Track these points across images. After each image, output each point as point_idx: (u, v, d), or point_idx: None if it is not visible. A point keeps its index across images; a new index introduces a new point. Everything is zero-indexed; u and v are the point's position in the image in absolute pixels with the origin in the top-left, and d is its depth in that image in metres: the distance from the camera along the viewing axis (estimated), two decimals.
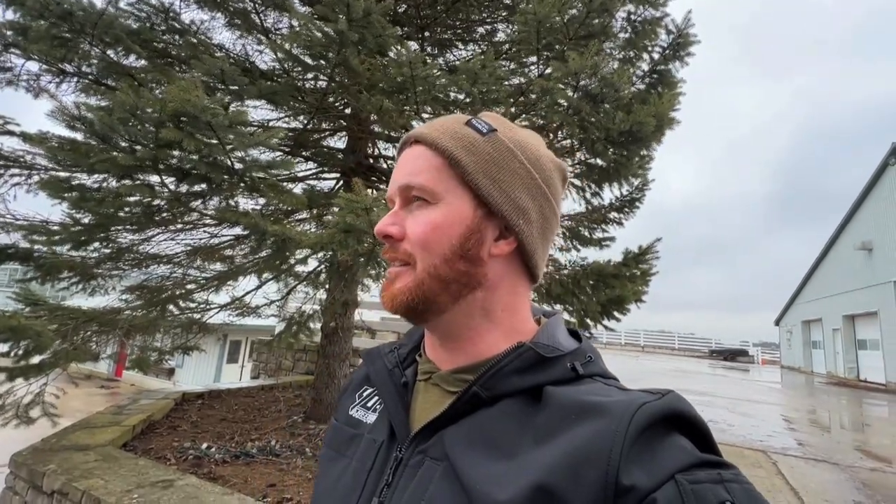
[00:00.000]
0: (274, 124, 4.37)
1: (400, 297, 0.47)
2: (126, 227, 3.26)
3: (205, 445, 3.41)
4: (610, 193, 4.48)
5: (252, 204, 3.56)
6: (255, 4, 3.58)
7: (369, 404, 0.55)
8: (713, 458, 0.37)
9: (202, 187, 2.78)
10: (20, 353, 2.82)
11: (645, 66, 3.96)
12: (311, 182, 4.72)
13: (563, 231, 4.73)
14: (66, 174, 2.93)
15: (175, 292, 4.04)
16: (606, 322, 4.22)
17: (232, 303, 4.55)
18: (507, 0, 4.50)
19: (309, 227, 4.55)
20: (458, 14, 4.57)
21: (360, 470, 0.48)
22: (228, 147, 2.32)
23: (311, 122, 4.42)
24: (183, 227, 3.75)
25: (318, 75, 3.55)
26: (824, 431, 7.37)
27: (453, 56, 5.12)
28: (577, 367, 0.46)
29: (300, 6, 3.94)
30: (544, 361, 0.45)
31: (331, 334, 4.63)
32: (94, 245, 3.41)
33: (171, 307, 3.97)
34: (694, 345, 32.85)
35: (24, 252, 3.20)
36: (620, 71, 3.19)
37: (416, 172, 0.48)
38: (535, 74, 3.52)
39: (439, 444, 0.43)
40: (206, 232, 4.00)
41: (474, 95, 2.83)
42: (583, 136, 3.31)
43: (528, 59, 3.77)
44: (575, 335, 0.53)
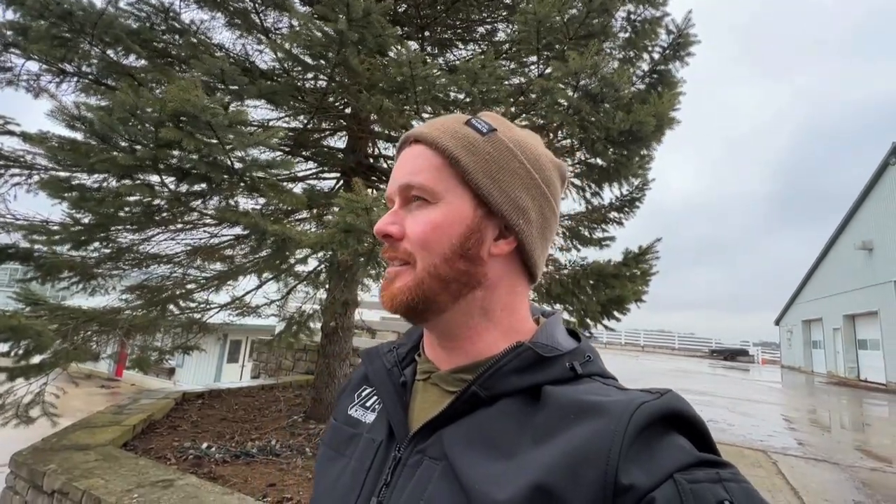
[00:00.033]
0: (274, 124, 4.37)
1: (400, 296, 0.47)
2: (126, 226, 3.27)
3: (205, 445, 3.41)
4: (610, 193, 4.48)
5: (252, 204, 3.56)
6: (254, 4, 3.58)
7: (368, 404, 0.54)
8: (711, 458, 0.37)
9: (202, 187, 2.78)
10: (20, 352, 2.83)
11: (645, 66, 3.96)
12: (311, 182, 4.73)
13: (563, 231, 4.73)
14: (66, 174, 2.93)
15: (175, 292, 4.05)
16: (606, 322, 4.22)
17: (232, 302, 4.55)
18: (507, 0, 4.50)
19: (309, 227, 4.55)
20: (458, 14, 4.57)
21: (359, 469, 0.48)
22: (228, 147, 2.32)
23: (311, 121, 4.42)
24: (183, 226, 3.75)
25: (318, 75, 3.55)
26: (824, 431, 7.37)
27: (453, 56, 5.11)
28: (575, 366, 0.46)
29: (300, 6, 3.94)
30: (543, 361, 0.45)
31: (331, 334, 4.63)
32: (95, 245, 3.41)
33: (171, 307, 3.97)
34: (694, 344, 32.83)
35: (24, 252, 3.21)
36: (620, 71, 3.18)
37: (416, 172, 0.47)
38: (535, 74, 3.52)
39: (438, 443, 0.43)
40: (206, 232, 4.00)
41: (474, 95, 2.83)
42: (583, 135, 3.31)
43: (528, 58, 3.77)
44: (574, 335, 0.53)
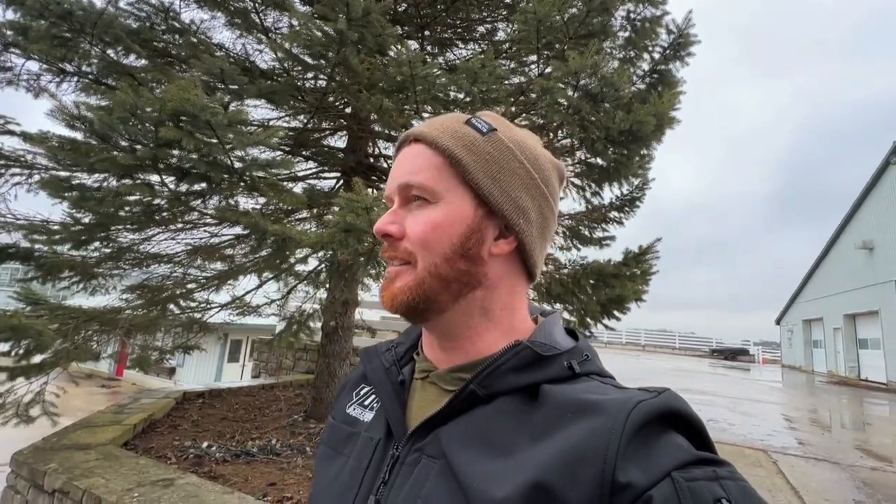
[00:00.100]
0: (274, 123, 4.37)
1: (400, 296, 0.47)
2: (126, 226, 3.27)
3: (205, 444, 3.41)
4: (610, 193, 4.49)
5: (252, 203, 3.56)
6: (254, 4, 3.58)
7: (366, 402, 0.55)
8: (709, 456, 0.37)
9: (202, 186, 2.78)
10: (21, 352, 2.83)
11: (645, 66, 3.96)
12: (312, 181, 4.73)
13: (563, 230, 4.73)
14: (67, 174, 2.94)
15: (175, 292, 4.05)
16: (606, 321, 4.23)
17: (232, 302, 4.55)
18: None
19: (309, 227, 4.56)
20: (458, 13, 4.57)
21: (357, 468, 0.48)
22: (228, 146, 2.32)
23: (311, 121, 4.42)
24: (183, 226, 3.76)
25: (317, 75, 3.55)
26: (825, 430, 7.36)
27: (453, 55, 5.11)
28: (573, 365, 0.46)
29: (300, 5, 3.94)
30: (541, 360, 0.45)
31: (331, 333, 4.64)
32: (95, 244, 3.42)
33: (171, 306, 3.97)
34: (695, 344, 32.80)
35: (24, 251, 3.21)
36: (620, 70, 3.18)
37: (416, 171, 0.47)
38: (535, 74, 3.51)
39: (436, 441, 0.43)
40: (207, 231, 4.00)
41: (474, 95, 2.83)
42: (583, 135, 3.31)
43: (529, 58, 3.77)
44: (572, 334, 0.53)
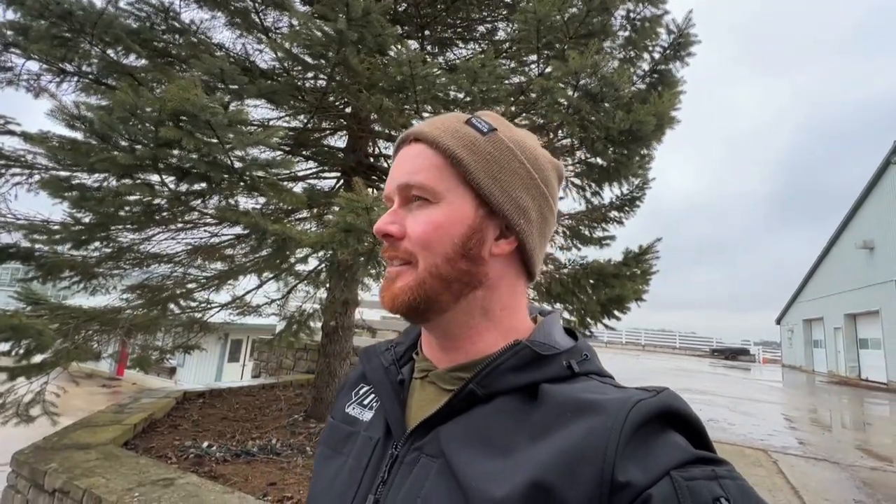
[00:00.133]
0: (274, 123, 4.37)
1: (402, 296, 0.47)
2: (126, 226, 3.27)
3: (206, 444, 3.42)
4: (610, 192, 4.49)
5: (252, 203, 3.56)
6: (254, 3, 3.58)
7: (365, 402, 0.55)
8: (708, 455, 0.37)
9: (202, 186, 2.78)
10: (21, 352, 2.84)
11: (646, 66, 3.96)
12: (312, 181, 4.73)
13: (563, 230, 4.73)
14: (67, 173, 2.94)
15: (176, 291, 4.05)
16: (607, 321, 4.23)
17: (233, 302, 4.56)
18: None
19: (309, 227, 4.56)
20: (458, 13, 4.57)
21: (357, 467, 0.48)
22: (228, 146, 2.32)
23: (311, 121, 4.42)
24: (183, 226, 3.76)
25: (317, 74, 3.55)
26: (825, 430, 7.36)
27: (453, 55, 5.11)
28: (572, 365, 0.46)
29: (300, 5, 3.94)
30: (540, 359, 0.45)
31: (331, 333, 4.64)
32: (95, 244, 3.42)
33: (171, 306, 3.98)
34: (695, 344, 32.79)
35: (25, 251, 3.21)
36: (621, 70, 3.18)
37: (417, 171, 0.47)
38: (535, 73, 3.51)
39: (435, 441, 0.43)
40: (207, 231, 4.00)
41: (474, 94, 2.83)
42: (583, 135, 3.31)
43: (529, 57, 3.77)
44: (571, 334, 0.53)
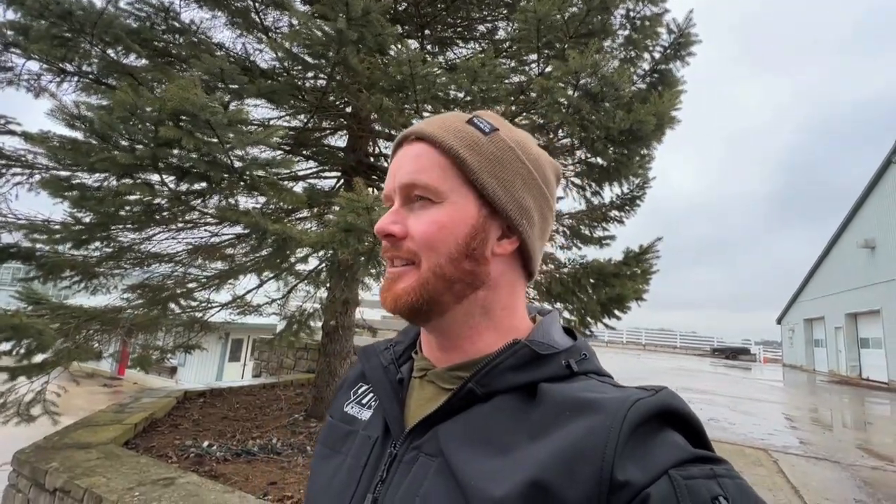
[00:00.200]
0: (274, 123, 4.37)
1: (404, 297, 0.46)
2: (127, 225, 3.27)
3: (206, 443, 3.42)
4: (610, 192, 4.49)
5: (252, 203, 3.57)
6: (255, 3, 3.58)
7: (364, 401, 0.55)
8: (706, 454, 0.37)
9: (202, 186, 2.78)
10: (22, 351, 2.84)
11: (646, 66, 3.95)
12: (312, 181, 4.73)
13: (563, 229, 4.73)
14: (67, 173, 2.95)
15: (176, 291, 4.06)
16: (607, 320, 4.23)
17: (233, 301, 4.56)
18: None
19: (310, 226, 4.56)
20: (458, 12, 4.57)
21: (355, 466, 0.48)
22: (227, 145, 2.32)
23: (312, 120, 4.42)
24: (184, 225, 3.76)
25: (317, 74, 3.55)
26: (826, 430, 7.35)
27: (454, 54, 5.11)
28: (571, 364, 0.46)
29: (300, 5, 3.94)
30: (539, 359, 0.45)
31: (332, 333, 4.64)
32: (96, 244, 3.42)
33: (172, 306, 3.98)
34: (696, 343, 32.76)
35: (25, 251, 3.22)
36: (621, 70, 3.18)
37: (420, 171, 0.47)
38: (535, 73, 3.51)
39: (434, 440, 0.43)
40: (207, 231, 4.00)
41: (474, 94, 2.83)
42: (583, 134, 3.31)
43: (529, 57, 3.77)
44: (570, 333, 0.53)
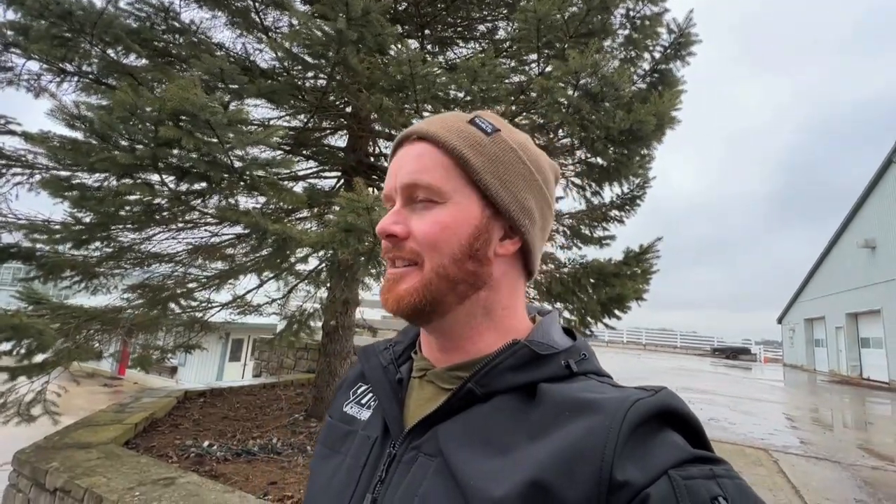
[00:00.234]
0: (274, 123, 4.37)
1: (407, 298, 0.46)
2: (127, 225, 3.27)
3: (206, 443, 3.42)
4: (610, 192, 4.49)
5: (252, 202, 3.57)
6: (255, 3, 3.58)
7: (363, 401, 0.55)
8: (706, 454, 0.37)
9: (202, 186, 2.78)
10: (23, 351, 2.84)
11: (646, 66, 3.95)
12: (312, 181, 4.73)
13: (563, 229, 4.73)
14: (67, 173, 2.95)
15: (177, 291, 4.06)
16: (607, 320, 4.23)
17: (233, 301, 4.56)
18: None
19: (310, 226, 4.56)
20: (459, 12, 4.56)
21: (354, 466, 0.48)
22: (227, 145, 2.32)
23: (312, 120, 4.42)
24: (184, 225, 3.76)
25: (317, 74, 3.55)
26: (826, 430, 7.34)
27: (454, 54, 5.11)
28: (571, 364, 0.46)
29: (300, 4, 3.94)
30: (539, 359, 0.45)
31: (332, 333, 4.64)
32: (96, 244, 3.42)
33: (172, 306, 3.98)
34: (696, 343, 32.74)
35: (26, 251, 3.22)
36: (621, 70, 3.18)
37: (423, 171, 0.46)
38: (535, 73, 3.51)
39: (433, 440, 0.43)
40: (207, 231, 4.01)
41: (474, 93, 2.83)
42: (583, 134, 3.31)
43: (529, 56, 3.77)
44: (569, 333, 0.53)
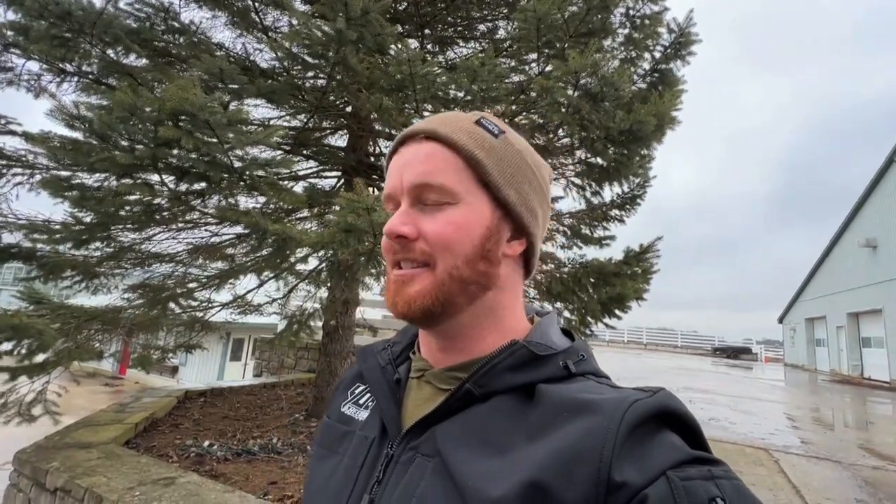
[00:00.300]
0: (274, 123, 4.37)
1: (420, 300, 0.45)
2: (127, 225, 3.28)
3: (207, 443, 3.42)
4: (610, 192, 4.49)
5: (252, 202, 3.57)
6: (254, 3, 3.58)
7: (361, 401, 0.54)
8: (704, 455, 0.37)
9: (202, 186, 2.79)
10: (23, 351, 2.85)
11: (646, 65, 3.95)
12: (312, 180, 4.73)
13: (564, 229, 4.73)
14: (67, 173, 2.95)
15: (177, 291, 4.06)
16: (607, 320, 4.23)
17: (234, 301, 4.56)
18: None
19: (310, 226, 4.56)
20: (459, 11, 4.56)
21: (352, 466, 0.48)
22: (227, 145, 2.32)
23: (312, 120, 4.42)
24: (184, 225, 3.76)
25: (317, 74, 3.55)
26: (827, 429, 7.34)
27: (454, 53, 5.10)
28: (569, 365, 0.46)
29: (299, 4, 3.94)
30: (537, 359, 0.45)
31: (332, 332, 4.65)
32: (96, 244, 3.43)
33: (173, 305, 3.98)
34: (697, 342, 32.72)
35: (26, 251, 3.23)
36: (621, 70, 3.18)
37: (435, 171, 0.46)
38: (535, 72, 3.50)
39: (431, 440, 0.43)
40: (208, 230, 4.01)
41: (474, 93, 2.82)
42: (583, 134, 3.30)
43: (529, 56, 3.76)
44: (568, 334, 0.53)
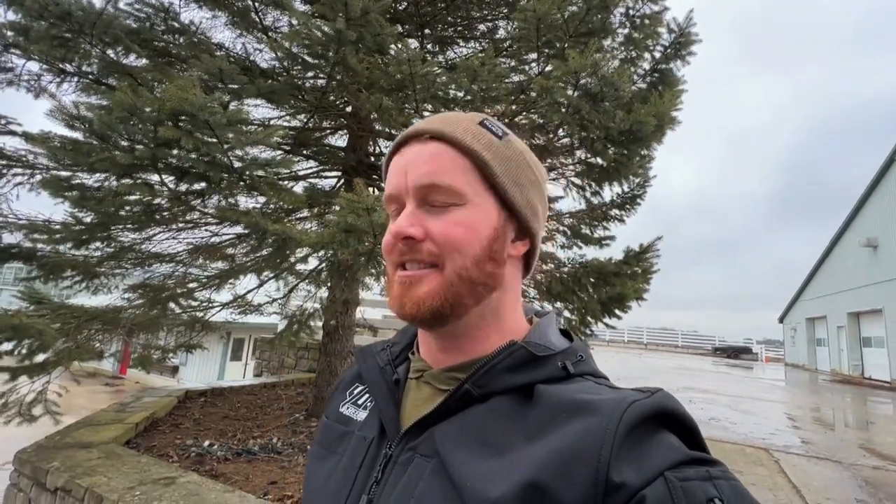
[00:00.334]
0: (274, 123, 4.37)
1: (428, 301, 0.45)
2: (127, 225, 3.28)
3: (207, 443, 3.43)
4: (610, 192, 4.49)
5: (252, 202, 3.57)
6: (254, 3, 3.58)
7: (360, 401, 0.55)
8: (702, 456, 0.37)
9: (202, 186, 2.79)
10: (24, 351, 2.85)
11: (646, 65, 3.94)
12: (312, 180, 4.73)
13: (564, 229, 4.72)
14: (67, 173, 2.95)
15: (177, 291, 4.06)
16: (607, 320, 4.23)
17: (234, 301, 4.57)
18: None
19: (310, 226, 4.56)
20: (459, 11, 4.56)
21: (350, 467, 0.48)
22: (227, 145, 2.33)
23: (312, 120, 4.42)
24: (184, 225, 3.77)
25: (317, 74, 3.55)
26: (828, 429, 7.33)
27: (454, 53, 5.10)
28: (567, 366, 0.46)
29: (299, 4, 3.94)
30: (536, 360, 0.45)
31: (332, 332, 4.65)
32: (96, 244, 3.43)
33: (173, 305, 3.98)
34: (697, 342, 32.71)
35: (27, 251, 3.23)
36: (621, 70, 3.17)
37: (442, 172, 0.46)
38: (535, 72, 3.50)
39: (430, 441, 0.43)
40: (208, 230, 4.01)
41: (474, 93, 2.82)
42: (583, 134, 3.30)
43: (529, 56, 3.76)
44: (566, 335, 0.53)
